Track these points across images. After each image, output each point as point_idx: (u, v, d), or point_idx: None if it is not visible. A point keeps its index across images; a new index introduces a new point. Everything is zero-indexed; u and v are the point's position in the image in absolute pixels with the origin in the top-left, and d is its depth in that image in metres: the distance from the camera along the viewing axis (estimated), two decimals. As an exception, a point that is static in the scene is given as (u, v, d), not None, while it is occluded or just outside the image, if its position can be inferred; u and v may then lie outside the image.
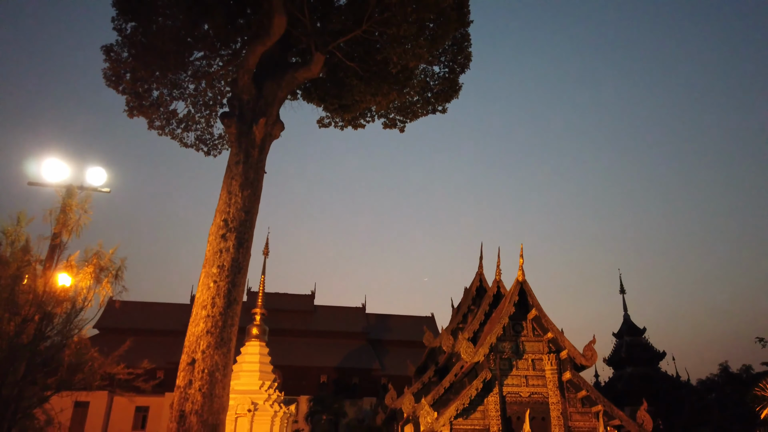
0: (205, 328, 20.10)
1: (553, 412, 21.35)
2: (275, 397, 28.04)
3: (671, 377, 33.53)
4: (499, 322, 22.24)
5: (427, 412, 20.43)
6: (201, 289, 21.28)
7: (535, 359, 22.42)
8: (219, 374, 19.71)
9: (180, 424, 18.18)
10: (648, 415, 20.84)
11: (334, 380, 44.06)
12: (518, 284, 22.90)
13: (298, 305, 51.34)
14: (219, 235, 22.20)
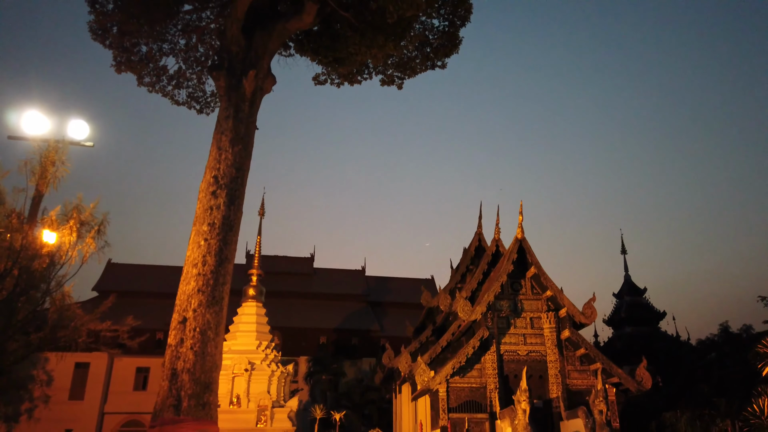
0: (196, 286, 19.67)
1: (551, 370, 21.13)
2: (272, 357, 27.99)
3: (671, 337, 33.39)
4: (497, 281, 21.83)
5: (423, 371, 20.20)
6: (191, 247, 20.80)
7: (534, 317, 22.10)
8: (211, 333, 19.36)
9: (172, 383, 17.91)
10: (647, 372, 20.60)
11: (333, 341, 44.16)
12: (517, 242, 22.40)
13: (298, 268, 51.20)
14: (209, 192, 21.61)
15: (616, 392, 20.93)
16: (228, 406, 26.01)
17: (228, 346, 28.39)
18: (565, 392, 20.78)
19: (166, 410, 17.79)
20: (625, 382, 20.38)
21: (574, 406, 19.88)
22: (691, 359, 29.19)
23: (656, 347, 32.24)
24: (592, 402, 17.79)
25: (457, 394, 20.73)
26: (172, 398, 17.86)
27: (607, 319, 36.71)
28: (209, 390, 18.72)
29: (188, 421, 17.47)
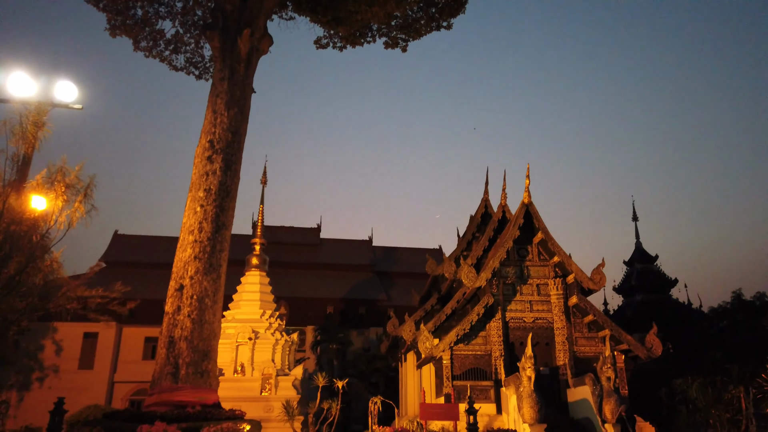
0: (192, 253, 19.21)
1: (557, 337, 20.65)
2: (276, 326, 27.76)
3: (682, 304, 32.75)
4: (503, 247, 21.21)
5: (426, 338, 19.79)
6: (187, 213, 20.26)
7: (540, 284, 21.52)
8: (209, 300, 18.96)
9: (169, 351, 17.57)
10: (657, 339, 20.05)
11: (340, 311, 43.99)
12: (524, 207, 21.70)
13: (304, 238, 50.92)
14: (205, 157, 20.96)
15: (625, 359, 20.45)
16: (232, 374, 25.90)
17: (231, 314, 28.21)
18: (573, 359, 20.32)
19: (164, 378, 17.50)
20: (634, 348, 19.86)
21: (581, 373, 19.44)
22: (703, 326, 28.59)
23: (667, 315, 31.65)
24: (599, 369, 17.30)
25: (462, 362, 20.35)
26: (170, 366, 17.56)
27: (617, 287, 36.09)
28: (208, 358, 18.40)
29: (186, 389, 17.19)
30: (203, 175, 19.82)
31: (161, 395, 17.17)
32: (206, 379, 18.23)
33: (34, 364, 38.60)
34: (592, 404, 17.62)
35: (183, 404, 16.87)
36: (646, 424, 19.15)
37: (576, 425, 18.76)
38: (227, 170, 20.39)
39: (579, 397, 18.85)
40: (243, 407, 25.09)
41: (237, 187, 21.53)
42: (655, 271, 34.36)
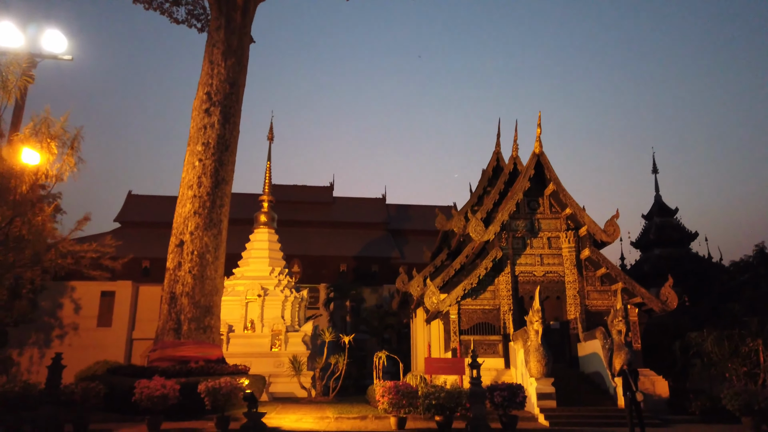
0: (192, 209, 18.81)
1: (569, 290, 20.08)
2: (285, 282, 27.62)
3: (702, 258, 31.79)
4: (513, 199, 20.47)
5: (432, 293, 19.37)
6: (186, 168, 19.76)
7: (552, 237, 20.83)
8: (210, 256, 18.65)
9: (171, 307, 17.40)
10: (673, 291, 19.35)
11: (353, 269, 43.88)
12: (535, 157, 20.83)
13: (317, 197, 50.56)
14: (202, 109, 20.31)
15: (639, 313, 19.84)
16: (242, 331, 25.95)
17: (241, 272, 28.11)
18: (584, 313, 19.79)
19: (166, 334, 17.40)
20: (648, 301, 19.21)
21: (593, 327, 18.94)
22: (723, 281, 27.72)
23: (686, 269, 30.78)
24: (610, 322, 16.76)
25: (469, 317, 19.95)
26: (172, 322, 17.44)
27: (635, 241, 35.17)
28: (210, 314, 18.21)
29: (189, 344, 17.11)
30: (201, 129, 19.29)
31: (164, 351, 17.17)
32: (209, 334, 18.18)
33: (54, 322, 39.39)
34: (602, 358, 17.16)
35: (186, 359, 16.86)
36: (659, 378, 18.66)
37: (586, 379, 18.38)
38: (225, 123, 19.82)
39: (589, 351, 18.40)
40: (253, 363, 25.29)
41: (236, 140, 20.96)
42: (674, 225, 33.31)
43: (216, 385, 13.24)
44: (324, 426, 14.17)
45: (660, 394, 18.24)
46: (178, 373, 15.48)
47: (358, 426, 14.23)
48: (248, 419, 13.24)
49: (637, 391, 12.89)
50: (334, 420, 15.11)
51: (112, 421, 14.37)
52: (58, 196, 35.10)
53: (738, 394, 13.91)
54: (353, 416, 15.39)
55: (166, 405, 13.22)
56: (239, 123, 20.57)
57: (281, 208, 48.81)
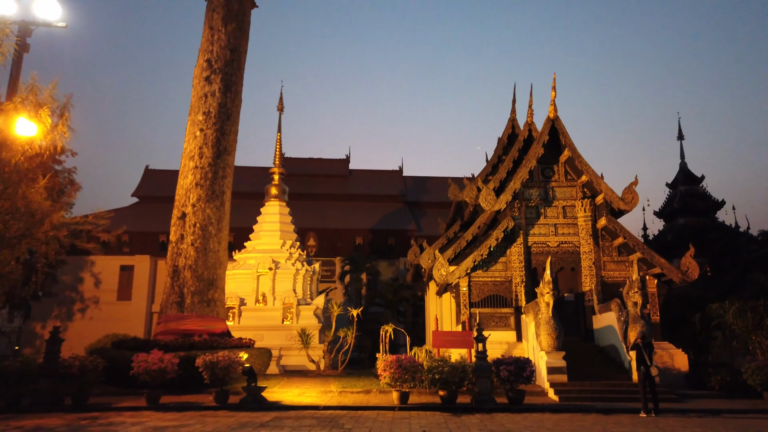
0: (193, 180, 18.38)
1: (584, 261, 19.31)
2: (297, 256, 27.33)
3: (729, 227, 30.55)
4: (525, 167, 19.64)
5: (441, 264, 18.82)
6: (187, 138, 19.27)
7: (567, 206, 20.00)
8: (212, 228, 18.26)
9: (174, 280, 17.12)
10: (694, 261, 18.44)
11: (369, 242, 43.51)
12: (549, 122, 19.88)
13: (333, 170, 50.07)
14: (203, 77, 19.72)
15: (658, 284, 19.02)
16: (254, 304, 25.83)
17: (252, 245, 27.90)
18: (600, 285, 19.06)
19: (169, 307, 17.17)
20: (668, 272, 18.37)
21: (609, 299, 18.22)
22: (751, 250, 26.56)
23: (711, 238, 29.64)
24: (625, 293, 16.02)
25: (480, 289, 19.37)
26: (175, 295, 17.18)
27: (658, 211, 34.00)
28: (214, 286, 17.92)
29: (192, 318, 16.87)
30: (202, 98, 18.78)
31: (167, 324, 17.01)
32: (213, 308, 17.97)
33: (76, 296, 40.05)
34: (617, 331, 16.49)
35: (189, 333, 16.67)
36: (678, 351, 17.93)
37: (601, 353, 17.74)
38: (227, 91, 19.25)
39: (604, 323, 17.73)
40: (265, 336, 25.23)
41: (239, 109, 20.40)
42: (700, 193, 32.04)
43: (214, 359, 12.99)
44: (326, 400, 13.87)
45: (679, 368, 17.55)
46: (180, 347, 15.31)
47: (361, 400, 13.90)
48: (247, 393, 13.02)
49: (652, 365, 12.25)
50: (338, 394, 14.82)
51: (113, 394, 14.30)
52: (73, 171, 35.35)
53: (760, 368, 13.19)
54: (357, 390, 15.07)
55: (164, 378, 13.05)
56: (241, 91, 20.00)
57: (297, 182, 48.52)
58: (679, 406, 13.32)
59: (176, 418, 11.23)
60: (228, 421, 10.86)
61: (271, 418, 11.24)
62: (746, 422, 11.40)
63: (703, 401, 14.06)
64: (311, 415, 11.67)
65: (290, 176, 49.13)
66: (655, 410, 12.13)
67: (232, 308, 25.49)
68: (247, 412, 12.14)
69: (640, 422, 11.24)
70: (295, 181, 49.37)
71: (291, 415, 11.66)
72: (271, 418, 11.13)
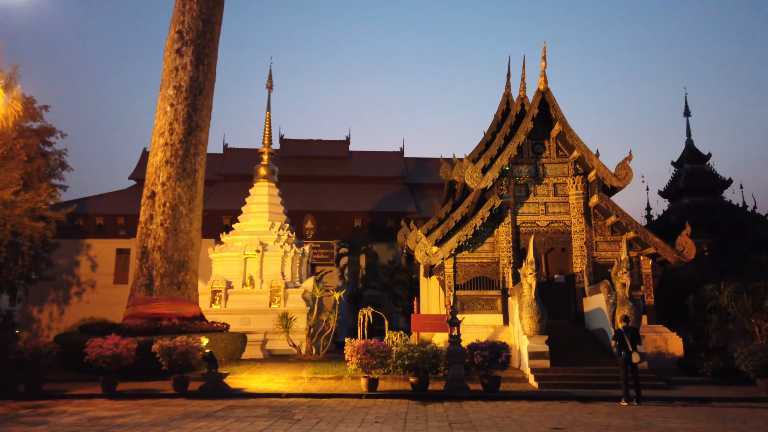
0: (163, 157, 17.60)
1: (575, 241, 18.39)
2: (285, 238, 26.65)
3: (735, 207, 29.30)
4: (514, 142, 18.68)
5: (423, 245, 18.02)
6: (158, 114, 18.42)
7: (558, 183, 19.03)
8: (183, 208, 17.50)
9: (143, 262, 16.43)
10: (691, 241, 17.48)
11: (368, 224, 42.75)
12: (539, 94, 18.85)
13: (333, 151, 49.20)
14: (174, 50, 18.82)
15: (653, 265, 18.09)
16: (241, 287, 25.26)
17: (240, 227, 27.28)
18: (591, 266, 18.15)
19: (137, 290, 16.53)
20: (662, 252, 17.42)
21: (601, 280, 17.31)
22: (756, 230, 25.42)
23: (717, 218, 28.45)
24: (614, 274, 15.13)
25: (466, 270, 18.57)
26: (144, 277, 16.51)
27: (663, 190, 32.78)
28: (185, 269, 17.21)
29: (161, 301, 16.19)
30: (172, 71, 17.94)
31: (135, 308, 16.41)
32: (184, 290, 17.32)
33: (72, 279, 39.88)
34: (606, 314, 15.63)
35: (158, 317, 16.06)
36: (672, 335, 17.08)
37: (591, 336, 16.93)
38: (199, 64, 18.37)
39: (594, 306, 16.87)
40: (252, 320, 24.67)
41: (213, 84, 19.51)
42: (706, 172, 30.74)
43: (170, 344, 12.36)
44: (293, 387, 13.23)
45: (673, 353, 16.73)
46: (145, 331, 14.74)
47: (330, 387, 13.24)
48: (207, 380, 12.42)
49: (633, 351, 11.41)
50: (308, 380, 14.17)
51: (74, 380, 13.77)
52: (63, 153, 34.80)
53: (753, 353, 12.29)
54: (329, 377, 14.41)
55: (120, 365, 12.47)
56: (215, 64, 19.14)
57: (296, 163, 47.78)
58: (666, 393, 12.49)
59: (124, 407, 10.64)
60: (175, 410, 10.24)
61: (222, 407, 10.60)
62: (734, 412, 10.55)
63: (692, 388, 13.21)
64: (268, 404, 11.02)
65: (289, 158, 48.47)
66: (637, 398, 11.33)
67: (219, 291, 24.95)
68: (203, 401, 11.52)
69: (617, 411, 10.44)
70: (294, 162, 48.62)
71: (246, 404, 11.02)
72: (222, 408, 10.49)
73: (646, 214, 32.43)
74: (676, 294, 20.31)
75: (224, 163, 46.07)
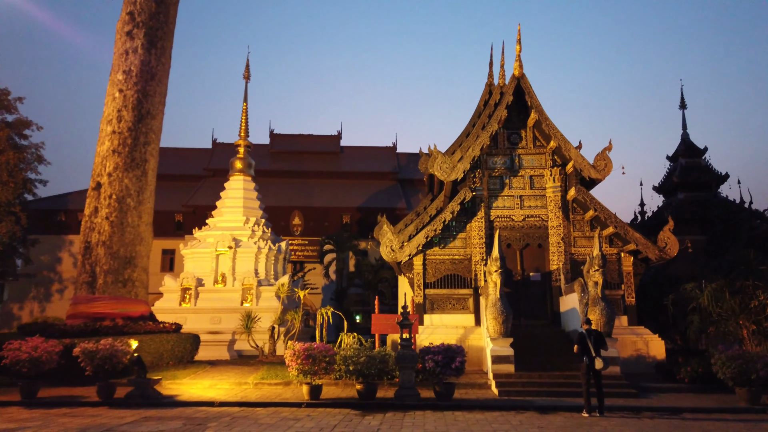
0: (110, 146, 16.48)
1: (552, 237, 17.26)
2: (260, 234, 25.65)
3: (732, 203, 28.03)
4: (487, 131, 17.56)
5: (388, 241, 16.94)
6: (106, 101, 17.31)
7: (534, 176, 17.89)
8: (131, 201, 16.37)
9: (85, 257, 15.32)
10: (673, 236, 16.32)
11: (357, 220, 41.79)
12: (514, 80, 17.72)
13: (324, 146, 48.22)
14: (124, 32, 17.75)
15: (635, 262, 16.96)
16: (213, 285, 24.29)
17: (213, 222, 26.32)
18: (569, 263, 17.02)
19: (79, 288, 15.56)
20: (643, 248, 16.26)
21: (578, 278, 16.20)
22: (752, 226, 24.18)
23: (712, 214, 27.21)
24: (586, 272, 14.00)
25: (436, 268, 17.48)
26: (86, 274, 15.41)
27: (657, 186, 31.54)
28: (131, 265, 16.10)
29: (104, 300, 15.08)
30: (122, 55, 16.89)
31: (77, 307, 15.40)
32: (130, 288, 16.29)
33: (54, 276, 39.08)
34: (580, 314, 14.51)
35: (100, 316, 15.05)
36: (654, 337, 15.97)
37: (566, 339, 15.80)
38: (151, 48, 17.29)
39: (570, 306, 15.76)
40: (223, 318, 23.65)
41: (167, 69, 18.43)
42: (701, 166, 29.46)
43: (92, 347, 11.38)
44: (233, 393, 12.23)
45: (655, 356, 15.64)
46: (80, 332, 13.75)
47: (273, 394, 12.23)
48: (135, 387, 11.43)
49: (597, 356, 10.31)
50: (253, 386, 13.15)
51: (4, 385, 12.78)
52: (40, 146, 33.88)
53: (732, 358, 11.16)
54: (276, 382, 13.37)
55: (41, 370, 11.50)
56: (170, 47, 18.08)
57: (285, 159, 46.82)
58: (635, 403, 11.37)
59: (31, 417, 9.66)
60: (80, 422, 9.24)
61: (135, 418, 9.59)
62: (705, 425, 9.44)
63: (666, 396, 12.08)
64: (189, 415, 10.00)
65: (279, 153, 47.51)
66: (599, 409, 10.24)
67: (189, 289, 24.01)
68: (123, 410, 10.53)
69: (574, 425, 9.35)
70: (284, 158, 47.64)
71: (165, 414, 10.01)
72: (133, 419, 9.48)
73: (640, 210, 31.21)
74: (665, 294, 19.16)
75: (212, 158, 45.15)
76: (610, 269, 16.55)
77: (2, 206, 25.36)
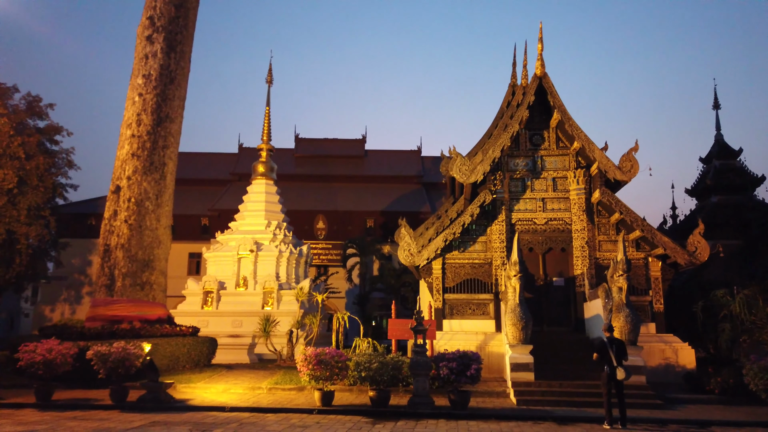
0: (130, 150, 16.62)
1: (576, 241, 16.72)
2: (282, 237, 25.63)
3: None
4: (507, 132, 17.15)
5: (407, 244, 16.66)
6: (126, 105, 17.49)
7: (558, 178, 17.39)
8: (150, 204, 16.48)
9: (104, 260, 15.44)
10: (704, 240, 15.62)
11: (381, 224, 41.56)
12: (536, 80, 17.26)
13: (349, 150, 48.17)
14: (144, 36, 17.92)
15: (663, 267, 16.29)
16: (234, 288, 24.36)
17: (235, 226, 26.43)
18: (594, 267, 16.46)
19: (98, 291, 15.68)
20: (671, 252, 15.60)
21: (603, 284, 15.64)
22: (790, 230, 23.13)
23: (748, 218, 26.17)
24: (610, 277, 13.46)
25: (456, 272, 17.12)
26: (105, 277, 15.53)
27: (690, 188, 30.50)
28: (150, 268, 16.17)
29: (122, 302, 15.18)
30: (142, 59, 17.05)
31: (96, 310, 15.53)
32: (148, 291, 16.35)
33: (84, 279, 39.86)
34: (604, 321, 13.96)
35: (119, 319, 15.15)
36: (684, 345, 15.29)
37: (590, 346, 15.23)
38: (170, 52, 17.41)
39: (594, 312, 15.21)
40: (244, 322, 23.68)
41: (186, 73, 18.52)
42: (736, 168, 28.35)
43: (105, 350, 11.38)
44: (246, 398, 12.10)
45: (684, 366, 14.96)
46: (98, 335, 13.84)
47: (286, 400, 12.05)
48: (147, 390, 11.38)
49: (618, 366, 9.83)
50: (267, 391, 13.01)
51: (12, 387, 12.91)
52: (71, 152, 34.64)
53: (765, 369, 10.55)
54: (289, 387, 13.21)
55: (56, 372, 11.56)
56: (190, 52, 18.16)
57: (310, 163, 46.96)
58: (661, 415, 10.82)
59: (42, 420, 9.68)
60: (88, 425, 9.21)
61: (143, 423, 9.51)
62: (735, 441, 8.89)
63: (694, 408, 11.48)
64: (198, 420, 9.88)
65: (304, 157, 47.67)
66: (621, 421, 9.75)
67: (211, 293, 24.12)
68: (134, 414, 10.48)
69: (593, 438, 8.92)
70: (309, 162, 47.79)
71: (173, 420, 9.91)
72: (141, 424, 9.40)
73: (672, 214, 30.24)
74: (696, 300, 18.40)
75: (238, 163, 45.54)
76: (636, 274, 15.94)
77: (32, 210, 25.89)
